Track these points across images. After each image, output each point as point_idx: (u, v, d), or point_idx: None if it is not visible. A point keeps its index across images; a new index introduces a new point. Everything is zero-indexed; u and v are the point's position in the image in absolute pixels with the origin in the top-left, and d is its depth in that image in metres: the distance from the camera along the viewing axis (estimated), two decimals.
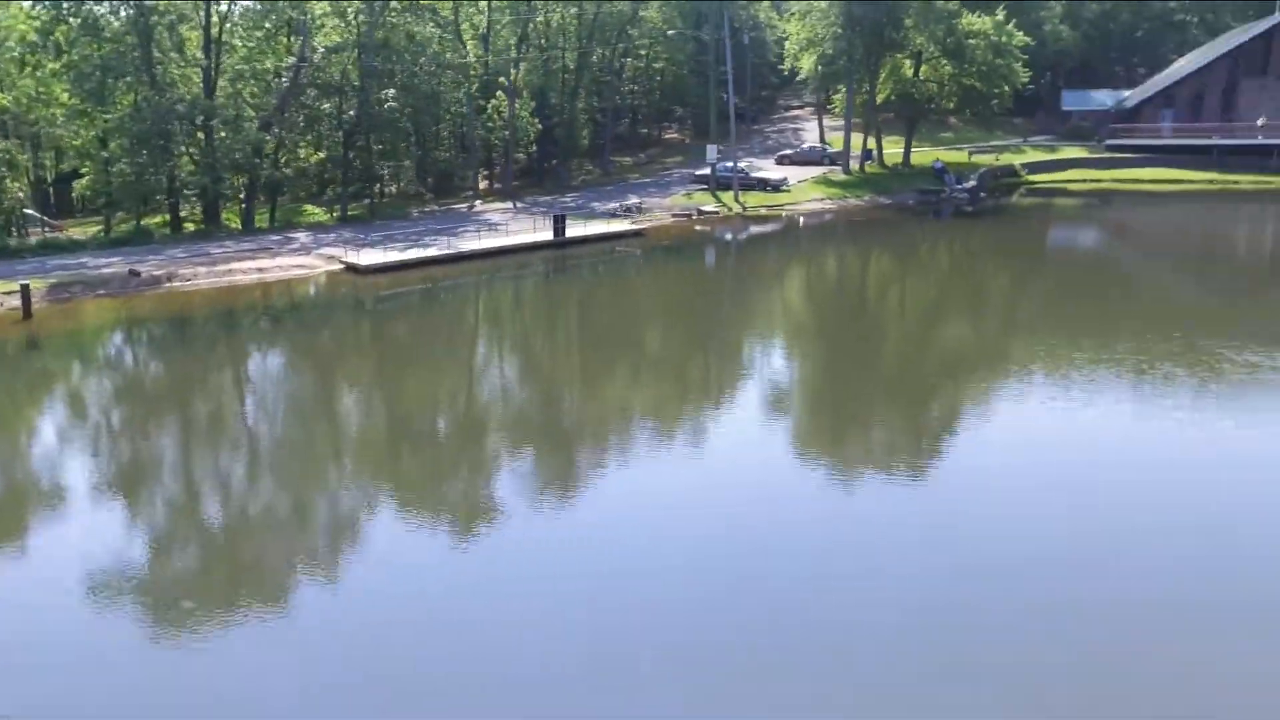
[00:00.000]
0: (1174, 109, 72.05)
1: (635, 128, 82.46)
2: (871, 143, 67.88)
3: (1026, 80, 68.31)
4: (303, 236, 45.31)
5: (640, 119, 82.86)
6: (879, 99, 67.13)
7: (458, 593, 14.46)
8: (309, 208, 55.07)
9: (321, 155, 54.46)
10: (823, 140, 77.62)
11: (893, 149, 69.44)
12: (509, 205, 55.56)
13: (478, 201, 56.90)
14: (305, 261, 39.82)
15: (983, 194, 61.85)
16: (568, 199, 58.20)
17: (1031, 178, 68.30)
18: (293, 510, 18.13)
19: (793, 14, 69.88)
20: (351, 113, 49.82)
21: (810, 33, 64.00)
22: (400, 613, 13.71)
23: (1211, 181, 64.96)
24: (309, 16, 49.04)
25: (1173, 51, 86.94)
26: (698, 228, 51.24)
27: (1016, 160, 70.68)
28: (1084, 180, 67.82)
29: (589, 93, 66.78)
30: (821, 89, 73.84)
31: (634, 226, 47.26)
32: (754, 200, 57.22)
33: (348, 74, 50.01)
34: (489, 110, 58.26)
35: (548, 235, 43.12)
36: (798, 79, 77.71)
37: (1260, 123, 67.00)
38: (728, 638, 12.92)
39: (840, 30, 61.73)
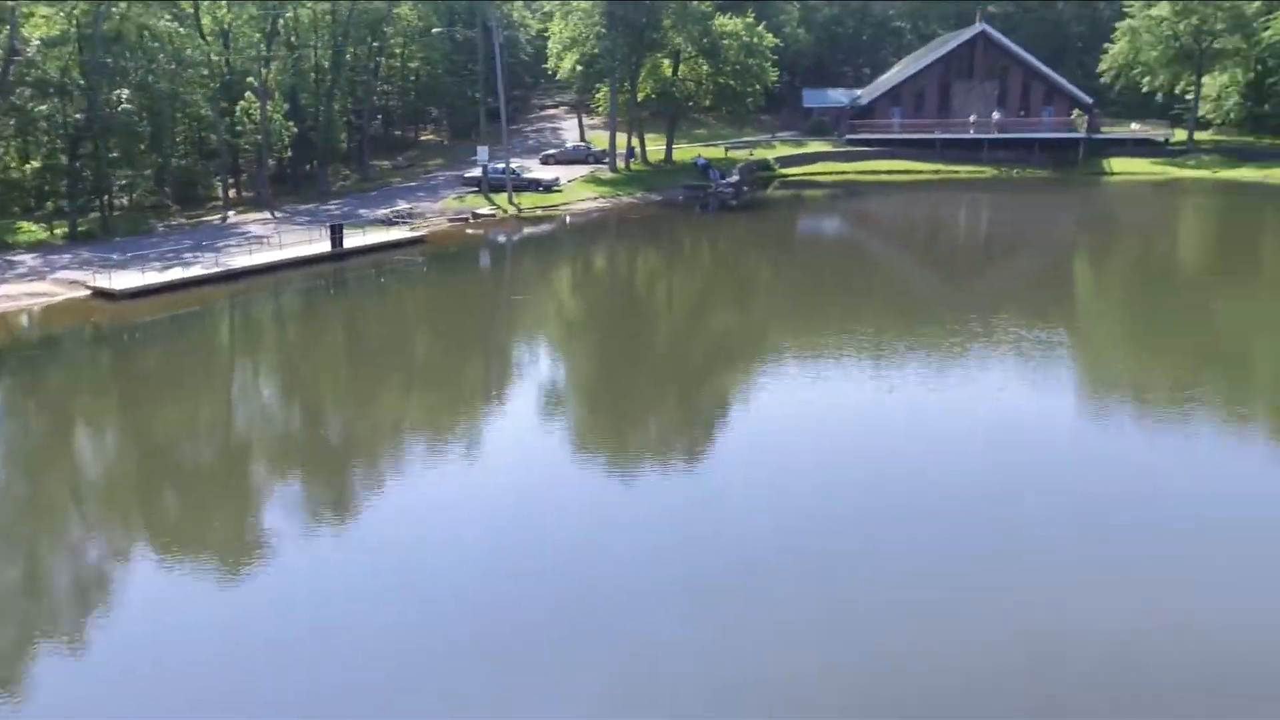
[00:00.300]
0: (900, 107, 78.97)
1: (389, 129, 79.17)
2: (635, 141, 69.23)
3: (775, 79, 72.31)
4: (29, 259, 39.50)
5: (395, 120, 79.66)
6: (639, 97, 68.60)
7: (228, 629, 13.50)
8: (24, 224, 48.14)
9: (37, 164, 47.83)
10: (583, 139, 78.33)
11: (653, 146, 71.19)
12: (267, 215, 51.44)
13: (231, 212, 52.25)
14: (39, 289, 34.72)
15: (745, 188, 64.76)
16: (331, 206, 54.77)
17: (784, 171, 72.30)
18: (23, 576, 15.74)
19: (554, 13, 69.77)
20: (79, 115, 44.05)
21: (573, 32, 64.13)
22: (168, 659, 12.77)
23: (937, 172, 71.80)
24: (15, 4, 42.73)
25: (891, 54, 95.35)
26: (477, 232, 49.86)
27: (769, 155, 74.62)
28: (830, 172, 72.76)
29: (344, 94, 63.18)
30: (585, 88, 74.25)
31: (414, 234, 45.20)
32: (528, 201, 56.54)
33: (69, 71, 44.18)
34: (237, 113, 53.68)
35: (324, 247, 40.26)
36: (555, 78, 77.87)
37: (972, 119, 74.84)
38: (503, 637, 13.07)
39: (603, 30, 62.32)
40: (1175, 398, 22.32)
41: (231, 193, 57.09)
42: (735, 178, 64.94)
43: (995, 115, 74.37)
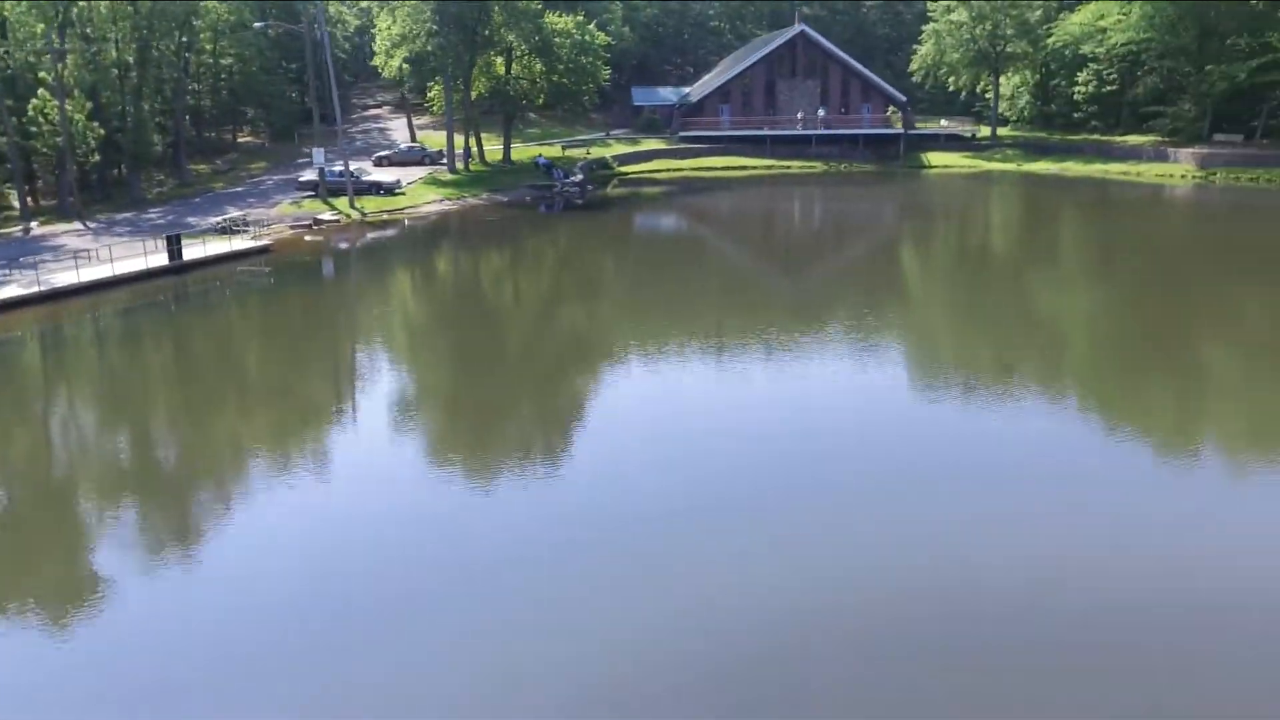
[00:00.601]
0: (729, 104, 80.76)
1: (201, 131, 73.23)
2: (472, 141, 67.26)
3: (606, 77, 72.21)
4: None
5: (207, 121, 73.75)
6: (473, 95, 66.65)
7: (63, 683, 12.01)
8: None
9: None
10: (414, 139, 75.60)
11: (489, 146, 69.47)
12: (79, 226, 46.23)
13: (33, 223, 46.57)
14: None
15: (590, 186, 64.21)
16: (153, 215, 49.96)
17: (623, 169, 72.36)
18: None
19: (373, 9, 66.63)
20: None
21: (402, 29, 61.38)
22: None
23: (770, 167, 73.93)
24: None
25: (712, 53, 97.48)
26: (321, 239, 46.73)
27: (606, 153, 74.43)
28: (667, 169, 73.46)
29: (153, 92, 57.72)
30: (416, 87, 71.52)
31: (259, 243, 41.79)
32: (372, 205, 53.70)
33: None
34: (30, 111, 47.86)
35: (162, 260, 36.47)
36: (380, 76, 74.60)
37: (800, 116, 77.57)
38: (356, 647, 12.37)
39: (435, 27, 60.00)
40: (996, 373, 23.69)
41: (29, 201, 50.95)
42: (580, 177, 64.30)
43: (820, 113, 77.41)
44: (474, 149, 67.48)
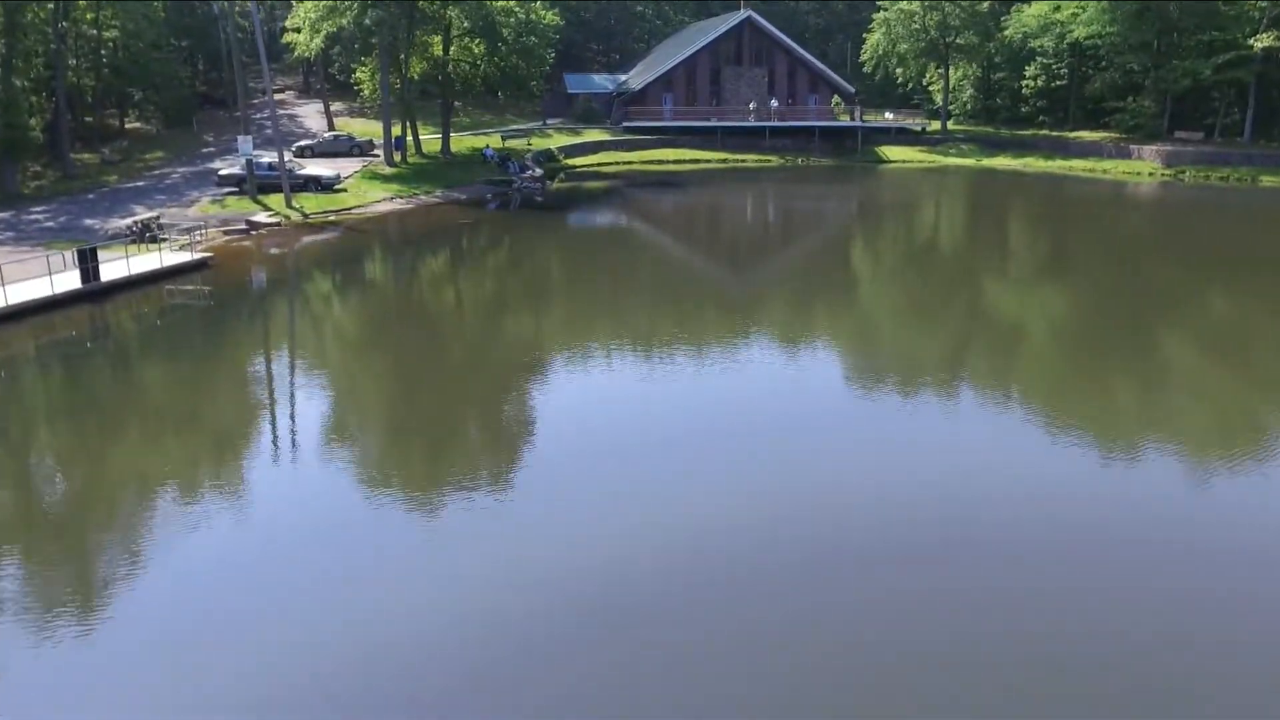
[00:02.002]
0: (672, 93, 73.31)
1: (79, 115, 60.35)
2: (410, 130, 57.55)
3: (550, 61, 63.72)
4: None
5: (88, 104, 60.87)
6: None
7: None
8: None
9: None
10: (331, 127, 65.36)
11: (422, 135, 59.93)
12: None
13: None
14: None
15: (548, 182, 55.75)
16: (38, 214, 38.70)
17: (570, 162, 64.10)
18: None
19: None
20: None
21: (331, 1, 51.04)
22: None
23: (724, 160, 66.95)
24: None
25: (638, 40, 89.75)
26: (262, 248, 36.79)
27: (549, 144, 65.93)
28: (614, 162, 65.61)
29: (25, 66, 45.63)
30: (344, 68, 61.06)
31: (194, 256, 31.76)
32: (312, 204, 43.73)
33: None
34: None
35: (73, 281, 26.39)
36: (282, 58, 63.71)
37: (752, 106, 70.87)
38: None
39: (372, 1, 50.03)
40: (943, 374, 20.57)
41: None
42: (539, 172, 55.80)
43: (774, 104, 71.02)
44: (409, 139, 57.76)
